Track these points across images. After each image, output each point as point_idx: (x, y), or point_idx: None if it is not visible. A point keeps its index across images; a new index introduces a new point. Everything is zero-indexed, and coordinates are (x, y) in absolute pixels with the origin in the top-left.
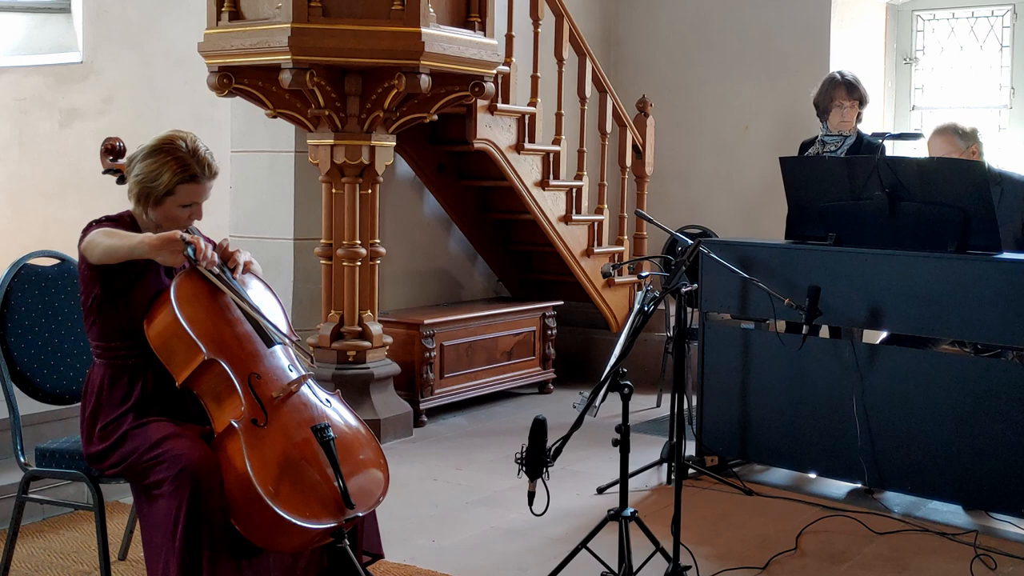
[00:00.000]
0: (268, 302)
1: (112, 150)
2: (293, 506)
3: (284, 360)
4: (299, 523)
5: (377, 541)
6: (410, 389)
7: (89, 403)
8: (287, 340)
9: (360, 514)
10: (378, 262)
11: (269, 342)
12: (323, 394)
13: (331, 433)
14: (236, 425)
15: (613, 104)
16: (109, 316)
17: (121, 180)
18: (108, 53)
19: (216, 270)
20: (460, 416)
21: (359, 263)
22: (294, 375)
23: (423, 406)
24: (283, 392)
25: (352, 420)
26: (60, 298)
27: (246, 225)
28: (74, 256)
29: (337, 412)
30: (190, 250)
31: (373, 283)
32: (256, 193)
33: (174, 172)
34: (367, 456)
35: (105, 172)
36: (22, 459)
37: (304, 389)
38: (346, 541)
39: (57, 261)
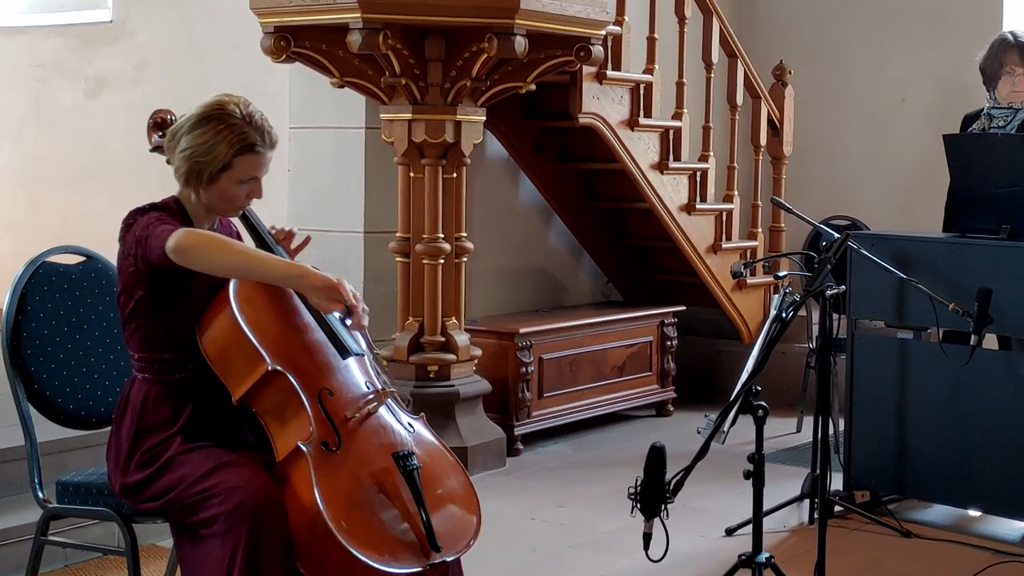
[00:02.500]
0: None
1: (162, 124)
2: (370, 545)
3: (360, 374)
4: (377, 565)
5: None
6: (503, 411)
7: (126, 425)
8: (366, 351)
9: (447, 559)
10: (465, 259)
11: (344, 353)
12: (405, 416)
13: (415, 462)
14: (304, 448)
15: (745, 71)
16: (155, 322)
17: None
18: (142, 11)
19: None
20: (562, 443)
21: (442, 261)
22: (372, 392)
23: (518, 431)
24: (359, 412)
25: (438, 448)
26: (86, 302)
27: (307, 215)
28: (102, 251)
29: (421, 438)
30: (346, 312)
31: (459, 284)
32: (319, 177)
33: (230, 143)
34: (456, 490)
35: (154, 150)
36: (41, 494)
37: (384, 410)
38: None
39: (82, 258)
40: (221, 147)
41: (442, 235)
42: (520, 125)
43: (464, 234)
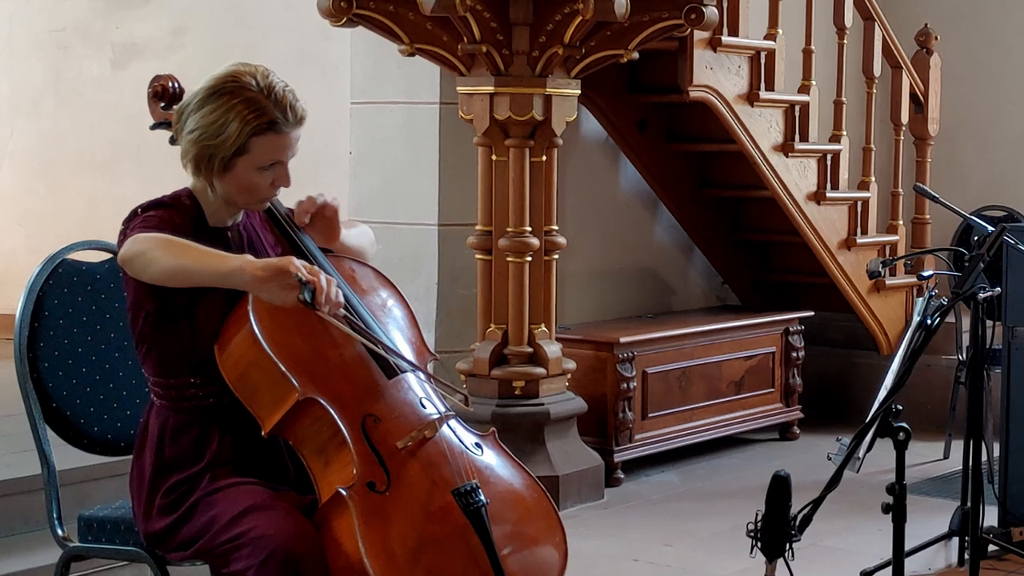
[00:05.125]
0: (381, 298)
1: (163, 94)
2: None
3: (415, 391)
4: None
5: None
6: (600, 434)
7: (147, 460)
8: (418, 366)
9: None
10: (556, 257)
11: (391, 371)
12: (470, 437)
13: (482, 497)
14: (344, 494)
15: (883, 36)
16: (169, 342)
17: (174, 141)
18: None
19: (343, 312)
20: (670, 471)
21: (529, 258)
22: (428, 414)
23: (619, 457)
24: (411, 440)
25: (514, 475)
26: (113, 307)
27: (372, 205)
28: None
29: (491, 463)
30: (307, 293)
31: (549, 286)
32: (386, 161)
33: (244, 120)
34: (536, 528)
35: (155, 127)
36: (60, 532)
37: (444, 432)
38: None
39: (109, 256)
40: (234, 126)
41: (529, 228)
42: (621, 100)
43: (555, 227)
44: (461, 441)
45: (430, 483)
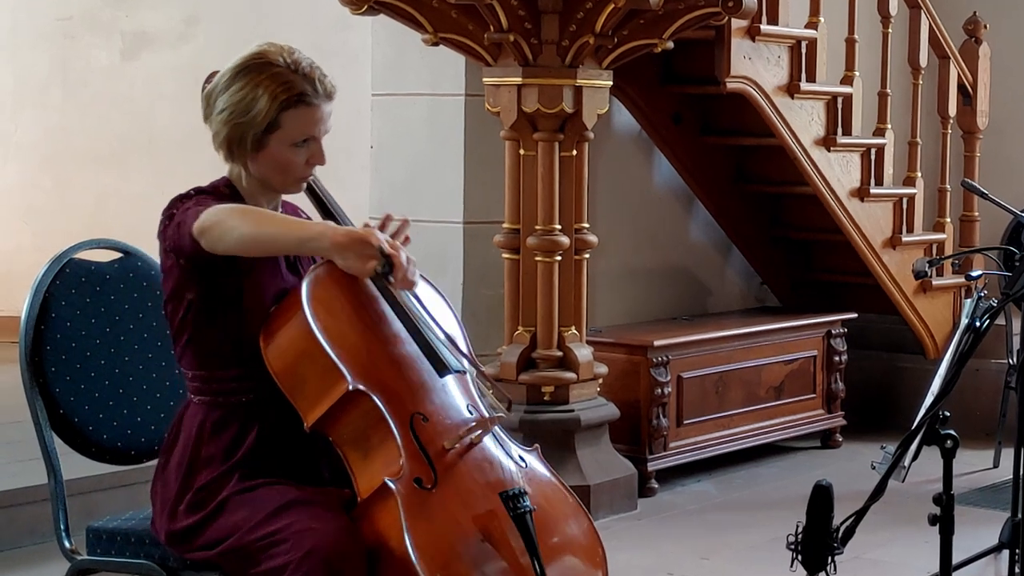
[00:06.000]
0: (438, 307)
1: None
2: None
3: (462, 396)
4: None
5: None
6: (633, 442)
7: (176, 459)
8: (470, 368)
9: None
10: (587, 256)
11: (443, 369)
12: (516, 448)
13: (528, 503)
14: (392, 485)
15: (930, 25)
16: (211, 334)
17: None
18: None
19: (412, 298)
20: (706, 481)
21: (559, 257)
22: (476, 418)
23: (652, 466)
24: (460, 442)
25: (556, 487)
26: (123, 308)
27: (394, 201)
28: (143, 245)
29: (535, 475)
30: (385, 264)
31: (580, 287)
32: (409, 155)
33: (273, 94)
34: (577, 538)
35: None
36: (68, 544)
37: (490, 440)
38: None
39: (119, 255)
40: (263, 101)
41: (559, 226)
42: (655, 92)
43: (586, 225)
44: (507, 450)
45: (477, 485)
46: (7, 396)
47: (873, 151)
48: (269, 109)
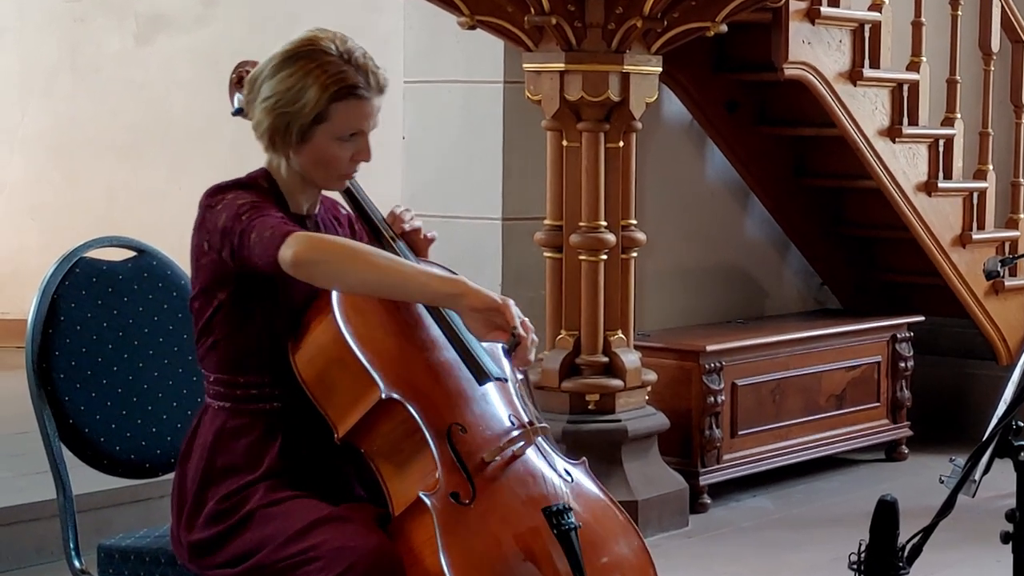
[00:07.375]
0: None
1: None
2: None
3: (503, 405)
4: None
5: None
6: (685, 454)
7: (193, 466)
8: (511, 376)
9: None
10: (635, 255)
11: (482, 377)
12: (561, 461)
13: (573, 520)
14: (427, 501)
15: (1003, 6)
16: (238, 337)
17: (239, 112)
18: None
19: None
20: (762, 495)
21: (605, 256)
22: (518, 429)
23: (705, 480)
24: (500, 454)
25: (604, 503)
26: (137, 311)
27: (427, 196)
28: (159, 243)
29: (582, 489)
30: (512, 342)
31: (627, 288)
32: (443, 147)
33: (323, 85)
34: (626, 557)
35: (236, 113)
36: (78, 563)
37: (532, 452)
38: None
39: (132, 253)
40: (312, 91)
41: (605, 223)
42: (707, 79)
43: (634, 221)
44: (551, 462)
45: (519, 500)
46: (13, 405)
47: (941, 142)
48: (319, 100)
